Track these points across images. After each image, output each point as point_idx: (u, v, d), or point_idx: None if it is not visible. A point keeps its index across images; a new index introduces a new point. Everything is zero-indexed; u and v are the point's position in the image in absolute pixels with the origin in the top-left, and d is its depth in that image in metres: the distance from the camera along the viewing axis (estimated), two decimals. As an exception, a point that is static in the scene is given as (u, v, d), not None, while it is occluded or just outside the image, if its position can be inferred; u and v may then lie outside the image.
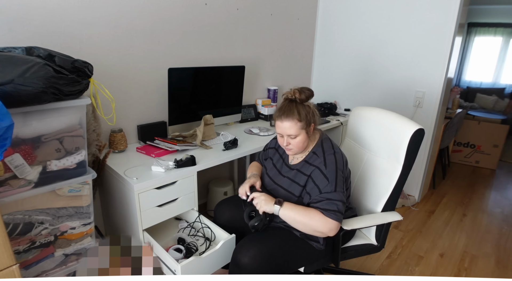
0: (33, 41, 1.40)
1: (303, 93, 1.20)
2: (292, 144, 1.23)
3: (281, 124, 1.20)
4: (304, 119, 1.18)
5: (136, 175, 1.41)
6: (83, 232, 1.31)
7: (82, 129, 1.18)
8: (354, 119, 1.63)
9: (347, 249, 1.41)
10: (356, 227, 1.28)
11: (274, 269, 1.21)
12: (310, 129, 1.22)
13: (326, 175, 1.20)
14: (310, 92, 1.22)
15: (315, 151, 1.27)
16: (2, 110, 0.79)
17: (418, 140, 1.31)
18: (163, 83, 1.94)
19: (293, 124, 1.18)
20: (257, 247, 1.21)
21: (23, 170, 1.07)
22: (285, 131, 1.21)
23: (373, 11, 2.60)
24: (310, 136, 1.25)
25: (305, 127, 1.20)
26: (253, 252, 1.19)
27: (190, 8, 1.95)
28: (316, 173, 1.22)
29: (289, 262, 1.27)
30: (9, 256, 0.87)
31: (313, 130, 1.25)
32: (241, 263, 1.19)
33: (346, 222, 1.28)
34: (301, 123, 1.18)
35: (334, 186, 1.18)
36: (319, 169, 1.22)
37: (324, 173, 1.21)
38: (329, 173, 1.20)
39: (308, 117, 1.19)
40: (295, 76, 2.96)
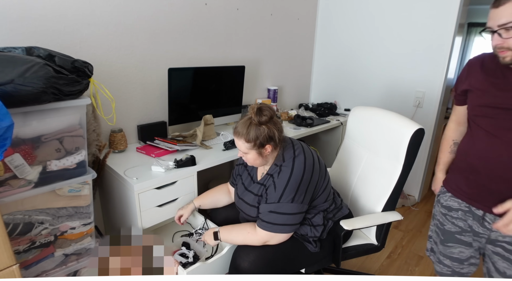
0: (33, 41, 1.40)
1: (260, 116, 1.14)
2: (245, 159, 1.23)
3: (234, 138, 1.21)
4: (253, 141, 1.15)
5: (136, 175, 1.41)
6: (83, 232, 1.31)
7: (82, 129, 1.18)
8: (353, 119, 1.63)
9: (348, 249, 1.41)
10: (356, 227, 1.28)
11: (274, 273, 1.21)
12: (264, 150, 1.18)
13: (275, 185, 1.18)
14: (267, 117, 1.15)
15: (276, 162, 1.24)
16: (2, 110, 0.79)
17: (418, 140, 1.31)
18: (163, 83, 1.94)
19: (241, 143, 1.18)
20: (257, 251, 1.20)
21: (23, 170, 1.07)
22: (237, 146, 1.22)
23: (373, 11, 2.60)
24: (265, 156, 1.20)
25: (255, 148, 1.17)
26: (253, 257, 1.18)
27: (190, 8, 1.95)
28: (269, 182, 1.22)
29: (289, 265, 1.26)
30: (9, 256, 0.87)
31: (270, 151, 1.19)
32: (240, 267, 1.18)
33: (346, 222, 1.28)
34: (249, 144, 1.16)
35: (279, 197, 1.16)
36: (272, 179, 1.21)
37: (274, 182, 1.19)
38: (278, 183, 1.17)
39: (260, 139, 1.14)
40: (295, 76, 2.96)
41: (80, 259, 1.35)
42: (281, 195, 1.16)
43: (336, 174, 1.70)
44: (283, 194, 1.16)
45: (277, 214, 1.17)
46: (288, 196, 1.16)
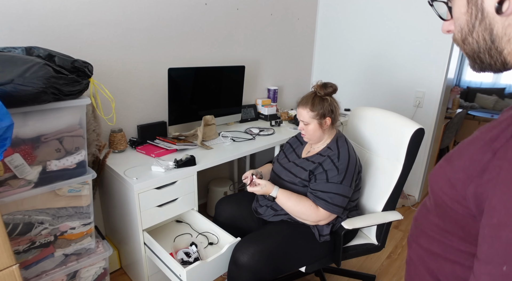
0: (33, 41, 1.40)
1: (324, 89, 1.29)
2: (306, 131, 1.33)
3: (298, 110, 1.34)
4: (317, 110, 1.27)
5: (136, 175, 1.41)
6: (83, 232, 1.31)
7: (82, 129, 1.18)
8: (353, 120, 1.63)
9: (348, 249, 1.42)
10: (357, 226, 1.29)
11: (273, 268, 1.21)
12: (324, 122, 1.29)
13: (337, 166, 1.25)
14: (332, 89, 1.30)
15: (330, 146, 1.33)
16: (2, 110, 0.79)
17: (418, 140, 1.32)
18: (163, 83, 1.94)
19: (305, 112, 1.29)
20: (257, 245, 1.21)
21: (23, 170, 1.07)
22: (299, 117, 1.33)
23: (373, 11, 2.60)
24: (324, 129, 1.31)
25: (317, 118, 1.28)
26: (252, 250, 1.19)
27: (190, 8, 1.95)
28: (327, 162, 1.28)
29: (289, 261, 1.26)
30: (9, 256, 0.87)
31: (329, 125, 1.31)
32: (239, 261, 1.19)
33: (347, 221, 1.29)
34: (313, 113, 1.28)
35: (342, 178, 1.23)
36: (331, 159, 1.27)
37: (335, 163, 1.26)
38: (340, 165, 1.25)
39: (322, 110, 1.27)
40: (295, 76, 2.96)
41: (80, 259, 1.35)
42: (344, 177, 1.24)
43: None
44: (345, 177, 1.24)
45: (338, 195, 1.24)
46: (348, 179, 1.25)
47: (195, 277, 1.25)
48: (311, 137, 1.33)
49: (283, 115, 2.49)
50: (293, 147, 1.49)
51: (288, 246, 1.26)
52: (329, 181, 1.25)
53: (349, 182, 1.25)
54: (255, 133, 2.06)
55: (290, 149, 1.49)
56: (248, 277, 1.18)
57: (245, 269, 1.18)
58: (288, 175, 1.37)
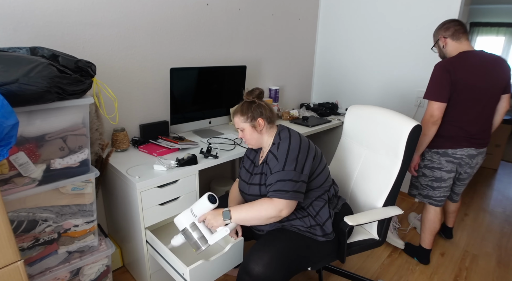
0: (37, 42, 1.42)
1: (250, 94, 1.37)
2: (244, 137, 1.37)
3: (233, 120, 1.39)
4: (246, 114, 1.32)
5: (138, 173, 1.42)
6: (86, 229, 1.33)
7: (85, 128, 1.19)
8: (350, 118, 1.65)
9: (351, 245, 1.43)
10: (361, 223, 1.30)
11: (286, 273, 1.19)
12: (257, 123, 1.32)
13: (276, 156, 1.27)
14: (258, 91, 1.37)
15: (274, 141, 1.34)
16: (8, 109, 0.80)
17: (416, 136, 1.35)
18: (165, 83, 1.95)
19: (237, 119, 1.36)
20: (270, 252, 1.18)
21: (28, 168, 1.08)
22: (235, 126, 1.38)
23: (374, 11, 2.60)
24: (260, 130, 1.34)
25: (248, 121, 1.32)
26: (267, 259, 1.16)
27: (192, 9, 1.97)
28: (270, 157, 1.29)
29: (300, 263, 1.26)
30: (14, 252, 0.89)
31: (264, 126, 1.34)
32: (254, 272, 1.15)
33: (350, 218, 1.30)
34: (243, 117, 1.33)
35: (283, 165, 1.23)
36: (272, 153, 1.29)
37: (274, 155, 1.27)
38: (279, 154, 1.26)
39: (251, 113, 1.32)
40: (296, 76, 2.97)
41: (83, 256, 1.36)
42: (284, 164, 1.23)
43: (335, 172, 1.71)
44: (286, 162, 1.24)
45: (285, 181, 1.22)
46: (290, 164, 1.23)
47: (198, 276, 1.26)
48: (250, 141, 1.36)
49: (285, 115, 2.50)
50: (251, 158, 1.47)
51: (298, 248, 1.25)
52: (272, 172, 1.25)
53: (293, 166, 1.22)
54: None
55: (248, 161, 1.47)
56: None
57: (256, 278, 1.15)
58: (252, 188, 1.36)
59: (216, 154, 1.64)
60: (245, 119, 1.33)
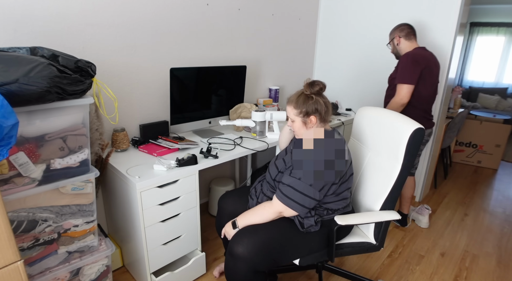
0: (37, 42, 1.42)
1: (310, 87, 1.30)
2: (292, 127, 1.37)
3: (286, 107, 1.37)
4: (300, 108, 1.29)
5: (138, 173, 1.42)
6: (86, 230, 1.33)
7: (85, 128, 1.19)
8: (359, 119, 1.63)
9: (344, 246, 1.41)
10: (350, 223, 1.28)
11: (268, 259, 1.23)
12: (309, 120, 1.30)
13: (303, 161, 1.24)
14: (318, 87, 1.30)
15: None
16: (8, 109, 0.80)
17: (417, 139, 1.31)
18: (165, 82, 1.95)
19: (290, 109, 1.34)
20: (251, 237, 1.23)
21: (27, 168, 1.08)
22: (287, 113, 1.37)
23: (374, 11, 2.60)
24: (309, 127, 1.32)
25: (301, 116, 1.30)
26: (247, 241, 1.22)
27: (192, 9, 1.97)
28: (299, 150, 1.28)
29: (284, 253, 1.28)
30: (14, 252, 0.89)
31: (315, 123, 1.31)
32: (234, 252, 1.22)
33: (340, 217, 1.29)
34: (296, 111, 1.31)
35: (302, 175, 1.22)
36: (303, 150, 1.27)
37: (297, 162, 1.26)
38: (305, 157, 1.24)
39: (306, 108, 1.28)
40: (297, 76, 2.97)
41: (83, 256, 1.36)
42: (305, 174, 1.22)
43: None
44: (307, 173, 1.22)
45: (294, 190, 1.22)
46: (309, 177, 1.21)
47: None
48: (297, 134, 1.36)
49: (285, 115, 2.50)
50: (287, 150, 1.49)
51: (282, 238, 1.27)
52: (291, 175, 1.25)
53: (311, 181, 1.20)
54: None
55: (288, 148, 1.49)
56: (243, 267, 1.21)
57: (240, 260, 1.20)
58: (274, 170, 1.40)
59: (216, 154, 1.64)
60: (298, 112, 1.30)
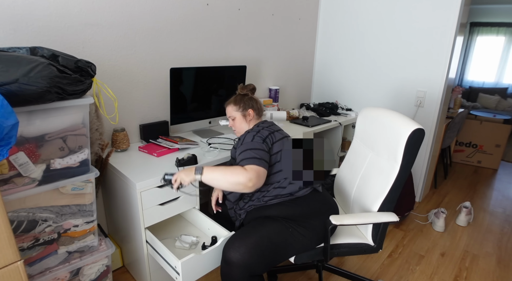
0: (37, 41, 1.42)
1: (244, 88, 1.53)
2: (233, 125, 1.53)
3: (226, 109, 1.54)
4: (238, 104, 1.48)
5: (138, 173, 1.42)
6: (86, 230, 1.33)
7: (85, 128, 1.19)
8: (362, 120, 1.62)
9: (340, 246, 1.40)
10: (345, 223, 1.27)
11: (263, 261, 1.23)
12: (247, 113, 1.48)
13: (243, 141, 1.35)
14: (251, 87, 1.53)
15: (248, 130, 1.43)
16: (7, 109, 0.80)
17: (417, 140, 1.28)
18: (165, 82, 1.95)
19: (230, 108, 1.51)
20: (244, 241, 1.23)
21: (27, 168, 1.09)
22: (227, 114, 1.53)
23: (374, 11, 2.60)
24: (249, 120, 1.49)
25: (240, 110, 1.48)
26: (238, 246, 1.21)
27: (192, 9, 1.97)
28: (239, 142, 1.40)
29: (278, 252, 1.27)
30: (14, 252, 0.89)
31: (254, 116, 1.49)
32: (228, 259, 1.21)
33: (335, 217, 1.28)
34: (235, 107, 1.49)
35: (242, 141, 1.35)
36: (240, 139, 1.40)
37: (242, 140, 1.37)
38: (246, 138, 1.36)
39: (243, 103, 1.48)
40: (296, 76, 2.97)
41: (83, 256, 1.36)
42: (243, 140, 1.36)
43: (343, 173, 1.69)
44: (244, 138, 1.36)
45: (246, 151, 1.30)
46: (248, 138, 1.35)
47: (190, 268, 1.26)
48: (239, 130, 1.51)
49: (285, 115, 2.50)
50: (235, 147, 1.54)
51: (273, 237, 1.27)
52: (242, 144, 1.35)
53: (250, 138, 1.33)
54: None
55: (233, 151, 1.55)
56: (239, 273, 1.20)
57: (235, 266, 1.19)
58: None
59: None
60: (237, 108, 1.49)
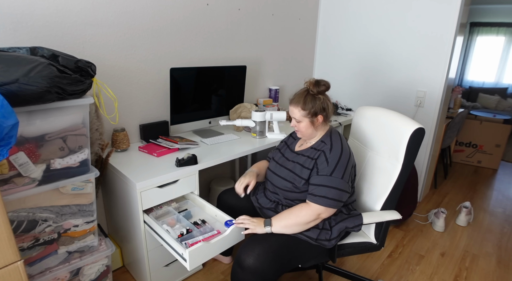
0: (37, 42, 1.42)
1: (317, 87, 1.29)
2: (298, 128, 1.35)
3: (290, 107, 1.35)
4: (308, 109, 1.28)
5: (138, 173, 1.42)
6: (86, 229, 1.33)
7: (85, 128, 1.19)
8: (358, 119, 1.63)
9: (345, 246, 1.41)
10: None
11: (278, 268, 1.20)
12: (316, 119, 1.30)
13: (327, 158, 1.26)
14: (325, 87, 1.31)
15: (324, 140, 1.34)
16: (8, 109, 0.80)
17: (417, 139, 1.31)
18: (165, 82, 1.95)
19: (297, 111, 1.31)
20: (262, 246, 1.20)
21: (27, 168, 1.09)
22: (291, 114, 1.35)
23: (375, 11, 2.60)
24: (316, 126, 1.33)
25: (309, 116, 1.29)
26: (258, 251, 1.18)
27: (192, 9, 1.97)
28: (321, 156, 1.29)
29: (292, 259, 1.26)
30: (14, 252, 0.89)
31: (321, 122, 1.32)
32: (245, 264, 1.17)
33: None
34: (304, 112, 1.29)
35: (332, 170, 1.24)
36: (324, 153, 1.28)
37: (326, 156, 1.27)
38: (331, 157, 1.26)
39: (314, 108, 1.28)
40: (296, 76, 2.97)
41: (83, 256, 1.36)
42: (334, 169, 1.24)
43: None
44: (335, 169, 1.24)
45: (329, 188, 1.23)
46: (339, 171, 1.24)
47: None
48: (304, 134, 1.36)
49: (285, 115, 2.50)
50: (288, 144, 1.50)
51: (291, 244, 1.26)
52: (319, 174, 1.25)
53: (341, 174, 1.23)
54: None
55: (285, 146, 1.50)
56: (252, 279, 1.17)
57: (250, 271, 1.16)
58: (283, 171, 1.38)
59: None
60: (306, 113, 1.29)
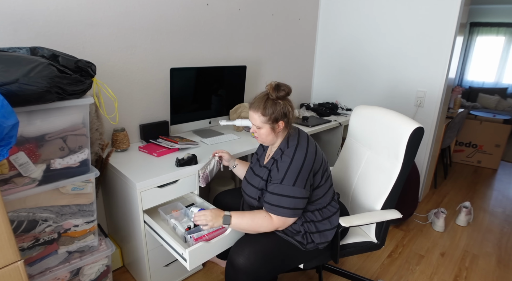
0: (37, 42, 1.42)
1: (276, 91, 1.22)
2: (258, 134, 1.28)
3: (250, 112, 1.26)
4: (269, 115, 1.21)
5: (138, 173, 1.42)
6: (86, 229, 1.33)
7: (85, 128, 1.19)
8: (355, 118, 1.64)
9: (346, 246, 1.42)
10: (354, 224, 1.29)
11: (270, 268, 1.21)
12: (277, 125, 1.23)
13: (278, 166, 1.22)
14: (285, 92, 1.23)
15: (281, 147, 1.27)
16: (8, 109, 0.80)
17: (417, 139, 1.32)
18: (165, 82, 1.95)
19: (257, 116, 1.23)
20: (252, 246, 1.20)
21: (28, 168, 1.09)
22: (251, 119, 1.27)
23: (374, 11, 2.60)
24: (277, 133, 1.26)
25: (269, 122, 1.22)
26: (248, 252, 1.18)
27: (192, 9, 1.97)
28: (274, 164, 1.25)
29: (286, 260, 1.26)
30: (14, 252, 0.89)
31: (282, 128, 1.25)
32: (235, 263, 1.18)
33: (344, 219, 1.29)
34: (264, 118, 1.22)
35: (282, 178, 1.19)
36: (276, 161, 1.25)
37: (277, 164, 1.23)
38: (281, 165, 1.21)
39: (274, 114, 1.21)
40: (296, 76, 2.97)
41: (83, 256, 1.36)
42: (284, 177, 1.19)
43: (339, 172, 1.70)
44: (285, 176, 1.19)
45: (281, 196, 1.19)
46: (290, 179, 1.18)
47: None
48: (264, 140, 1.28)
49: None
50: (258, 156, 1.43)
51: (284, 245, 1.25)
52: (271, 182, 1.21)
53: (292, 181, 1.17)
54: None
55: (255, 159, 1.43)
56: (244, 279, 1.17)
57: (241, 271, 1.17)
58: (251, 189, 1.33)
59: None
60: (266, 120, 1.21)
